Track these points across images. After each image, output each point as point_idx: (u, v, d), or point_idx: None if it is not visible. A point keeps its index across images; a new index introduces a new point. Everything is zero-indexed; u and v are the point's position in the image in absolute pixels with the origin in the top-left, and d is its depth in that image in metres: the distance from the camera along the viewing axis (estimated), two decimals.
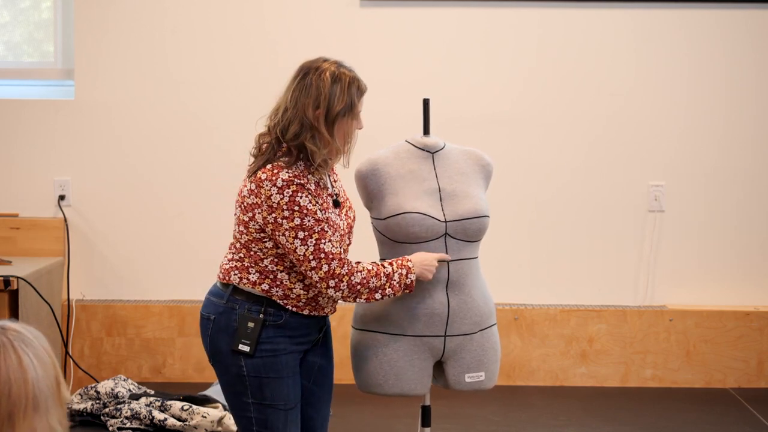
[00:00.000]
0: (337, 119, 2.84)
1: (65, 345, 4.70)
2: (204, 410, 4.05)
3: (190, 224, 4.86)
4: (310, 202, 2.79)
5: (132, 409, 4.06)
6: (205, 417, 4.01)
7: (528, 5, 4.83)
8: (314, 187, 2.84)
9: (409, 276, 2.88)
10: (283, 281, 2.87)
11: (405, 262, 2.90)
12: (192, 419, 4.01)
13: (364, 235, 3.36)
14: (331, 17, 4.81)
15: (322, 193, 2.87)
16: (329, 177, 2.96)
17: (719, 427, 4.27)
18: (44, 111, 4.85)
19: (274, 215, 2.79)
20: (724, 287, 4.92)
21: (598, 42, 4.85)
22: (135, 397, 4.19)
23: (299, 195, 2.78)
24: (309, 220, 2.79)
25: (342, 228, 2.91)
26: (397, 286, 2.87)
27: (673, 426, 4.28)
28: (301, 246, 2.79)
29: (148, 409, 4.06)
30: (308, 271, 2.81)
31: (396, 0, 4.82)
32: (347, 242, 2.97)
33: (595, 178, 4.89)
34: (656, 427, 4.26)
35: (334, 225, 2.87)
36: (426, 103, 3.16)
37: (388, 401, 3.78)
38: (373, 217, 3.04)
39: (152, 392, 4.30)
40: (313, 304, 2.91)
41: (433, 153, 3.09)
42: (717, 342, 4.83)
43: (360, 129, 2.93)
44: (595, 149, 4.88)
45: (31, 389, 1.64)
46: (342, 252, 2.86)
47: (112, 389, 4.25)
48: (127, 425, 4.03)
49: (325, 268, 2.80)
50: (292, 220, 2.78)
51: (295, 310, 2.89)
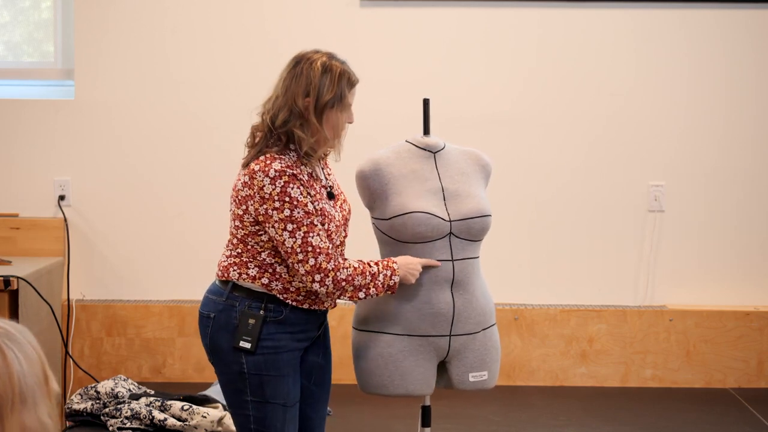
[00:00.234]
0: (325, 109, 2.88)
1: (65, 345, 4.70)
2: (204, 410, 4.05)
3: (190, 224, 4.86)
4: (301, 194, 2.81)
5: (132, 409, 4.06)
6: (205, 417, 4.01)
7: (528, 5, 4.83)
8: (307, 178, 2.86)
9: (393, 277, 2.90)
10: (282, 274, 2.88)
11: (390, 264, 2.92)
12: (192, 419, 4.01)
13: (363, 235, 3.36)
14: (331, 17, 4.81)
15: (315, 184, 2.89)
16: (322, 170, 2.97)
17: (719, 427, 4.27)
18: (44, 111, 4.85)
19: (265, 206, 2.81)
20: (724, 287, 4.92)
21: (598, 42, 4.85)
22: (135, 397, 4.19)
23: (290, 186, 2.80)
24: (299, 212, 2.80)
25: (337, 219, 2.93)
26: (381, 286, 2.89)
27: (673, 426, 4.28)
28: (290, 238, 2.80)
29: (148, 409, 4.06)
30: (295, 264, 2.82)
31: (396, 0, 4.82)
32: (343, 234, 2.99)
33: (595, 178, 4.89)
34: (656, 427, 4.26)
35: (329, 216, 2.88)
36: (426, 103, 3.17)
37: (388, 401, 3.78)
38: (376, 218, 3.04)
39: (152, 392, 4.30)
40: (313, 297, 2.92)
41: (434, 153, 3.10)
42: (717, 342, 4.83)
43: (350, 123, 2.95)
44: (595, 149, 4.88)
45: (17, 384, 1.65)
46: (330, 247, 2.87)
47: (112, 389, 4.25)
48: (127, 425, 4.03)
49: (311, 261, 2.81)
50: (282, 212, 2.80)
51: (295, 304, 2.90)
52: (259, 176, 2.82)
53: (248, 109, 3.01)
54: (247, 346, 2.87)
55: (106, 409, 4.14)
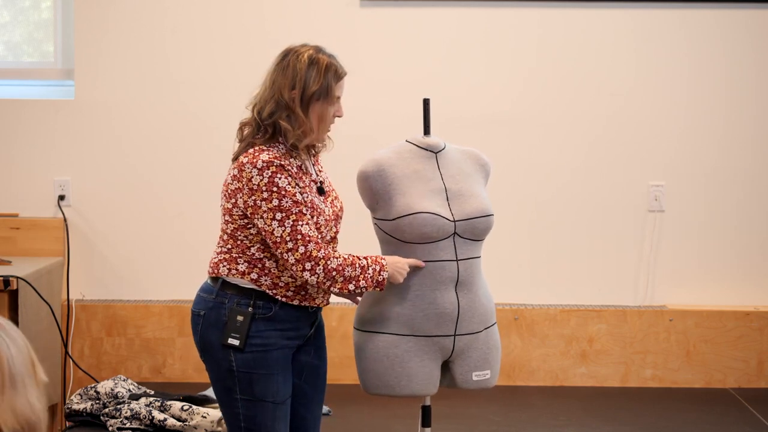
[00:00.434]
0: (312, 101, 2.89)
1: (65, 345, 4.69)
2: (204, 410, 4.05)
3: (190, 224, 4.86)
4: (289, 184, 2.82)
5: (132, 410, 4.06)
6: (205, 417, 4.01)
7: (528, 5, 4.83)
8: (295, 170, 2.87)
9: (382, 273, 2.90)
10: (271, 269, 2.88)
11: (379, 260, 2.93)
12: (192, 419, 4.01)
13: (365, 235, 3.36)
14: (331, 17, 4.80)
15: (304, 177, 2.89)
16: (313, 166, 2.98)
17: (719, 427, 4.27)
18: (44, 111, 4.85)
19: (254, 197, 2.82)
20: (724, 287, 4.92)
21: (598, 42, 4.85)
22: (135, 397, 4.19)
23: (278, 176, 2.81)
24: (287, 201, 2.81)
25: (327, 214, 2.93)
26: (370, 280, 2.89)
27: (673, 426, 4.28)
28: (279, 227, 2.81)
29: (147, 409, 4.06)
30: (284, 253, 2.82)
31: (396, 0, 4.82)
32: (334, 230, 2.99)
33: (595, 178, 4.89)
34: (656, 427, 4.26)
35: (318, 209, 2.89)
36: (426, 103, 3.17)
37: (388, 401, 3.78)
38: (379, 218, 3.04)
39: (152, 392, 4.30)
40: (302, 293, 2.92)
41: (436, 153, 3.10)
42: (717, 342, 4.83)
43: (339, 116, 2.96)
44: (595, 149, 4.88)
45: (6, 367, 1.69)
46: (320, 237, 2.87)
47: (112, 389, 4.24)
48: (127, 425, 4.03)
49: (301, 249, 2.81)
50: (271, 201, 2.80)
51: (284, 300, 2.90)
52: (248, 168, 2.83)
53: (248, 109, 3.02)
54: (236, 343, 2.88)
55: (106, 410, 4.14)
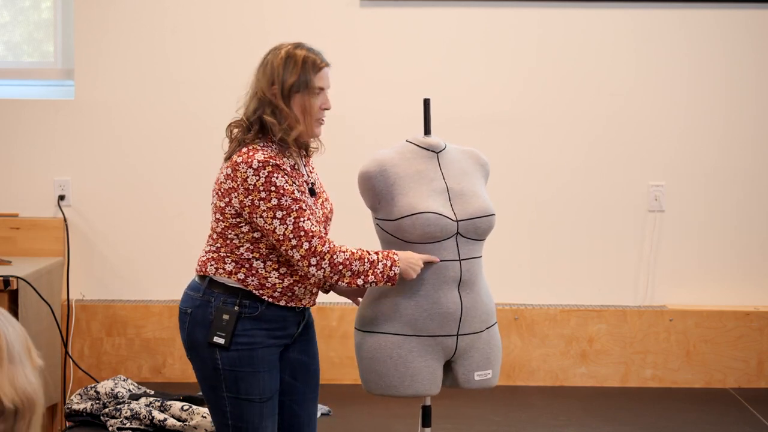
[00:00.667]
0: (292, 94, 2.90)
1: (65, 345, 4.69)
2: (204, 410, 4.05)
3: (190, 224, 4.86)
4: (287, 182, 2.82)
5: (132, 410, 4.06)
6: (205, 417, 4.01)
7: (528, 5, 4.83)
8: (289, 169, 2.87)
9: (393, 268, 2.89)
10: (259, 270, 2.88)
11: (391, 255, 2.91)
12: (192, 419, 4.01)
13: (364, 235, 3.36)
14: (331, 17, 4.80)
15: (298, 177, 2.90)
16: (305, 166, 2.98)
17: (719, 427, 4.27)
18: (44, 111, 4.85)
19: (251, 197, 2.82)
20: (724, 287, 4.92)
21: (598, 42, 4.85)
22: (135, 397, 4.19)
23: (275, 175, 2.81)
24: (286, 199, 2.81)
25: (318, 215, 2.93)
26: (380, 275, 2.88)
27: (673, 426, 4.28)
28: (281, 226, 2.81)
29: (148, 409, 4.06)
30: (289, 251, 2.82)
31: (396, 0, 4.82)
32: (323, 232, 2.99)
33: (595, 178, 4.89)
34: (656, 427, 4.26)
35: (310, 210, 2.89)
36: (426, 103, 3.17)
37: (388, 401, 3.78)
38: (381, 218, 3.04)
39: (152, 392, 4.30)
40: (289, 294, 2.92)
41: (437, 153, 3.10)
42: (717, 342, 4.83)
43: (327, 108, 2.96)
44: (595, 149, 4.88)
45: (4, 343, 1.74)
46: (322, 231, 2.88)
47: (112, 389, 4.24)
48: (127, 425, 4.03)
49: (305, 245, 2.82)
50: (269, 201, 2.80)
51: (271, 300, 2.90)
52: (243, 168, 2.83)
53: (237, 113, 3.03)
54: (221, 341, 2.88)
55: (106, 410, 4.14)
